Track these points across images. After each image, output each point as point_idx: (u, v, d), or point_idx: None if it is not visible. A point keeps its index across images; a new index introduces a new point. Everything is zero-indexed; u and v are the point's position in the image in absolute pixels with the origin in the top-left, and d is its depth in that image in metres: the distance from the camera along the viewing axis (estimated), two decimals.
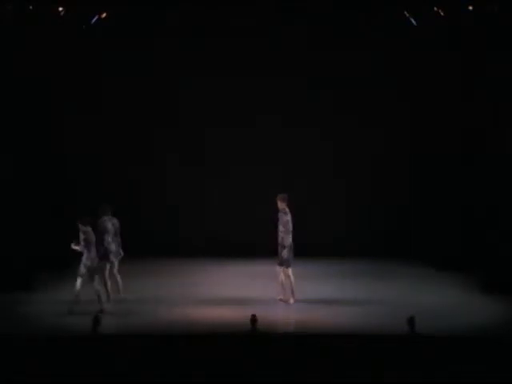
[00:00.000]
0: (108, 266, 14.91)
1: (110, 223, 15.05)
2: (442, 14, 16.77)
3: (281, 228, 15.16)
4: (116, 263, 15.20)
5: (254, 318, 11.54)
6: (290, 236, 15.17)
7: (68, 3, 16.20)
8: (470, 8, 16.11)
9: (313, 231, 19.06)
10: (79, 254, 14.39)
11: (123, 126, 19.65)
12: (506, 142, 16.08)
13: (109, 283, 14.91)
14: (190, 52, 19.33)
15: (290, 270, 15.31)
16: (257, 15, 18.43)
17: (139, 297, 15.40)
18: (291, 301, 15.28)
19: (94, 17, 17.02)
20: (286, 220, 15.15)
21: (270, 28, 19.00)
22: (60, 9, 16.32)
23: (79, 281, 14.24)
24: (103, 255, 14.84)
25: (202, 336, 12.31)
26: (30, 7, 15.81)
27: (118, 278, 15.20)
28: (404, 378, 11.01)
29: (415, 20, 17.40)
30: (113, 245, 15.02)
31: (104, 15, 17.26)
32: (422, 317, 11.99)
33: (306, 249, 17.93)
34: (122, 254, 15.29)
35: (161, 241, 19.02)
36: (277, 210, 15.35)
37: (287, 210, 15.22)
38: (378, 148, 19.91)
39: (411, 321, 11.45)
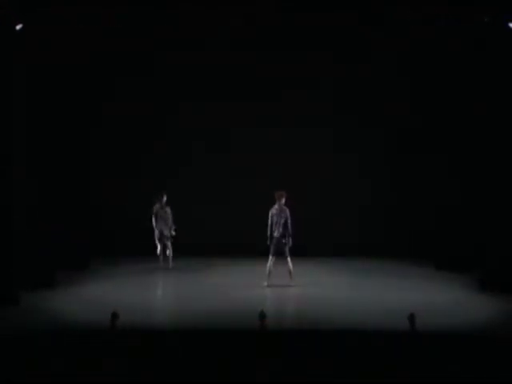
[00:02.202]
0: None
1: None
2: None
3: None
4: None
5: (262, 314, 11.59)
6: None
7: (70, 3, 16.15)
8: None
9: (313, 231, 19.09)
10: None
11: (123, 126, 19.73)
12: (505, 141, 16.08)
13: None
14: (189, 52, 19.40)
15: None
16: (257, 15, 18.41)
17: (145, 295, 15.60)
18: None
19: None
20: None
21: (270, 28, 19.02)
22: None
23: None
24: None
25: (208, 333, 12.36)
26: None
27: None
28: (404, 377, 11.03)
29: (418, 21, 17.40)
30: None
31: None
32: (422, 315, 12.03)
33: (307, 248, 18.05)
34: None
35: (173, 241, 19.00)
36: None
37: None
38: (378, 148, 19.95)
39: (411, 318, 11.49)
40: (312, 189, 19.74)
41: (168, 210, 18.09)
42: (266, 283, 16.22)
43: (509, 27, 15.34)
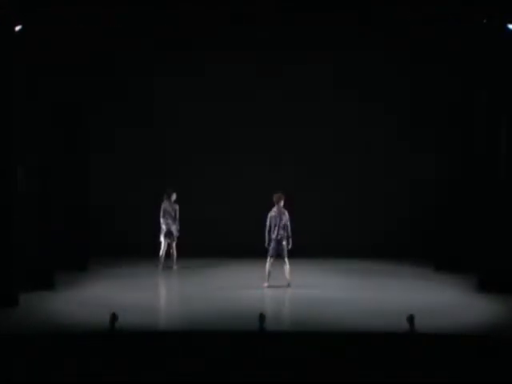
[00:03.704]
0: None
1: None
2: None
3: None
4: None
5: (261, 316, 11.64)
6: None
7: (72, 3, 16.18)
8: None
9: (313, 231, 19.11)
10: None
11: (123, 126, 19.77)
12: (505, 141, 16.09)
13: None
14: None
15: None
16: (257, 15, 18.43)
17: (145, 296, 15.59)
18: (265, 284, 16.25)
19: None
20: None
21: (270, 28, 19.03)
22: None
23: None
24: None
25: (207, 334, 12.37)
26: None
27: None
28: (404, 378, 11.04)
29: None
30: None
31: None
32: (421, 316, 12.04)
33: (306, 249, 18.05)
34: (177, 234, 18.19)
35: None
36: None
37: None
38: (378, 148, 19.97)
39: (411, 319, 11.52)
40: (311, 189, 19.77)
41: (176, 207, 18.15)
42: (266, 284, 16.21)
43: (508, 28, 15.35)
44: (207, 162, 19.93)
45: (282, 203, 16.27)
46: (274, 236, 16.20)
